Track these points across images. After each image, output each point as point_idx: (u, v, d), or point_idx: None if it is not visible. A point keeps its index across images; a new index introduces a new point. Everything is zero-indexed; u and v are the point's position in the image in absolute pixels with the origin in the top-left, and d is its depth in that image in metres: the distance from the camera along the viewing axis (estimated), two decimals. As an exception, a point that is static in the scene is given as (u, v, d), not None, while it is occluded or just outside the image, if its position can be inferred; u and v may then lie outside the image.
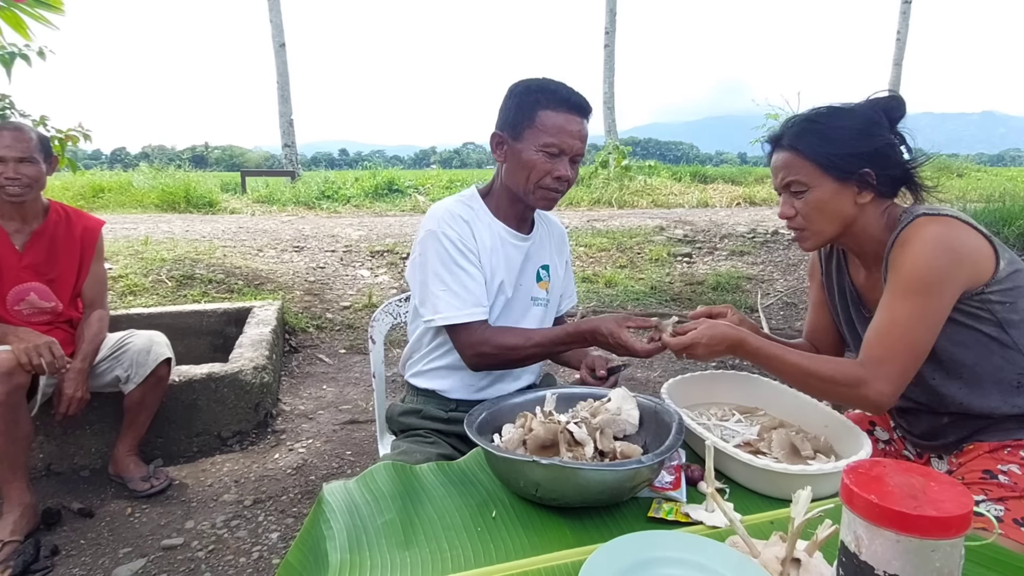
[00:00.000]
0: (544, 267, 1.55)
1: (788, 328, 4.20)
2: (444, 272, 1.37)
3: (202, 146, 59.09)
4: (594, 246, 6.11)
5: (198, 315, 3.46)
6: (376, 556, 0.87)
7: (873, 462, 0.69)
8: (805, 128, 1.25)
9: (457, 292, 1.37)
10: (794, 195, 1.27)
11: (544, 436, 1.04)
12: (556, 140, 1.35)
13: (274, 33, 13.45)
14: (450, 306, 1.36)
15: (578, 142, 1.37)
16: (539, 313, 1.54)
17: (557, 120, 1.35)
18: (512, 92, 1.41)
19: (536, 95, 1.36)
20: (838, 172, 1.21)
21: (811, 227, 1.27)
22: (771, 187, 6.90)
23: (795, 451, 1.12)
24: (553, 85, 1.38)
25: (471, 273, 1.39)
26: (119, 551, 1.94)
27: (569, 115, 1.36)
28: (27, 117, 2.94)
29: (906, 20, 15.93)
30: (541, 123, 1.35)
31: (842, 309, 1.42)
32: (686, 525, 0.95)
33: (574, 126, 1.36)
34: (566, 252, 1.66)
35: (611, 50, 15.05)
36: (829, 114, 1.24)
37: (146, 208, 8.71)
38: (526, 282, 1.51)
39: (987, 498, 1.12)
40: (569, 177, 1.39)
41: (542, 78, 1.41)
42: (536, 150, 1.36)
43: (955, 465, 1.27)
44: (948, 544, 0.61)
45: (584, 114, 1.39)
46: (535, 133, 1.35)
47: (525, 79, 1.42)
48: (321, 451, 2.62)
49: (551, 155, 1.36)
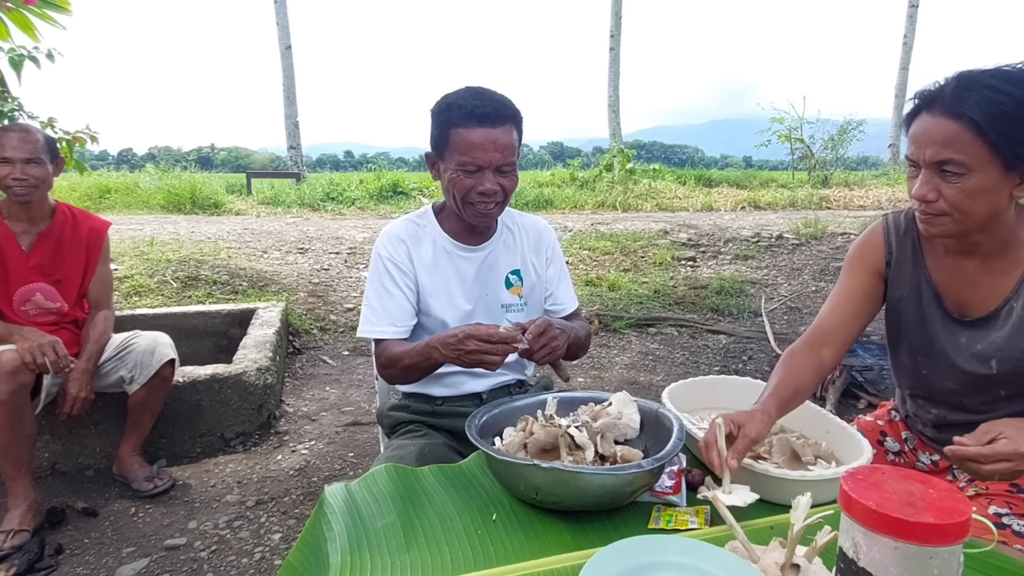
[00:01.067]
0: (514, 272, 1.54)
1: (792, 333, 4.19)
2: (370, 290, 1.47)
3: (208, 147, 59.36)
4: (598, 249, 6.11)
5: (203, 316, 3.47)
6: (377, 558, 0.88)
7: (872, 468, 0.69)
8: (986, 97, 0.97)
9: (376, 309, 1.45)
10: (943, 175, 1.03)
11: (545, 440, 1.05)
12: (470, 158, 1.32)
13: (280, 35, 13.53)
14: (367, 321, 1.46)
15: (495, 154, 1.33)
16: (516, 320, 1.48)
17: (469, 137, 1.32)
18: (431, 111, 1.39)
19: (447, 114, 1.34)
20: (1012, 159, 0.99)
21: (956, 216, 1.05)
22: (775, 192, 6.85)
23: (795, 456, 1.12)
24: (462, 100, 1.33)
25: (392, 294, 1.45)
26: (122, 550, 1.95)
27: (480, 129, 1.32)
28: (35, 119, 2.96)
29: (913, 24, 15.92)
30: (455, 143, 1.33)
31: (914, 306, 1.25)
32: (686, 532, 0.95)
33: (488, 138, 1.32)
34: (547, 250, 1.60)
35: (616, 53, 15.07)
36: (1018, 81, 0.97)
37: (152, 209, 8.76)
38: (492, 291, 1.51)
39: (1011, 512, 1.09)
40: (496, 190, 1.36)
41: (458, 91, 1.37)
42: (455, 169, 1.35)
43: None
44: (946, 551, 0.61)
45: (500, 122, 1.33)
46: (452, 153, 1.35)
47: (445, 95, 1.38)
48: (324, 453, 2.63)
49: (470, 172, 1.34)
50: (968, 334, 1.19)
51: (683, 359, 3.90)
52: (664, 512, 0.99)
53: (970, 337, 1.19)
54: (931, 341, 1.24)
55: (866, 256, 1.30)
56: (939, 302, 1.22)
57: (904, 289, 1.26)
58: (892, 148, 15.92)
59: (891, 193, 11.23)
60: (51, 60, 2.77)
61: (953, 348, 1.21)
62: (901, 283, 1.27)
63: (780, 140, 13.88)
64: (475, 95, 1.34)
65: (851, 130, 13.82)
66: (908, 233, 1.26)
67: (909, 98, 1.10)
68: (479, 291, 1.50)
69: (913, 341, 1.27)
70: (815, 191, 11.27)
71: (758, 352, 3.98)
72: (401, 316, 1.44)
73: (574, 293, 1.66)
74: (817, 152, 13.74)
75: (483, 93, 1.35)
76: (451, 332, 1.25)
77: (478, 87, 1.38)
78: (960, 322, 1.20)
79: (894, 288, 1.28)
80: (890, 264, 1.28)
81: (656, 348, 4.07)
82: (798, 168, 14.09)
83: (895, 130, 15.98)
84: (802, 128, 13.67)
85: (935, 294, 1.22)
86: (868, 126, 14.22)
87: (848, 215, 8.77)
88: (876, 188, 11.85)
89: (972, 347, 1.18)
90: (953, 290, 1.20)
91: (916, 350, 1.27)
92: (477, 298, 1.50)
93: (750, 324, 4.52)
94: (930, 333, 1.23)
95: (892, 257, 1.28)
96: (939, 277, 1.22)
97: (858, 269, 1.31)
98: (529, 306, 1.56)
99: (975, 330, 1.18)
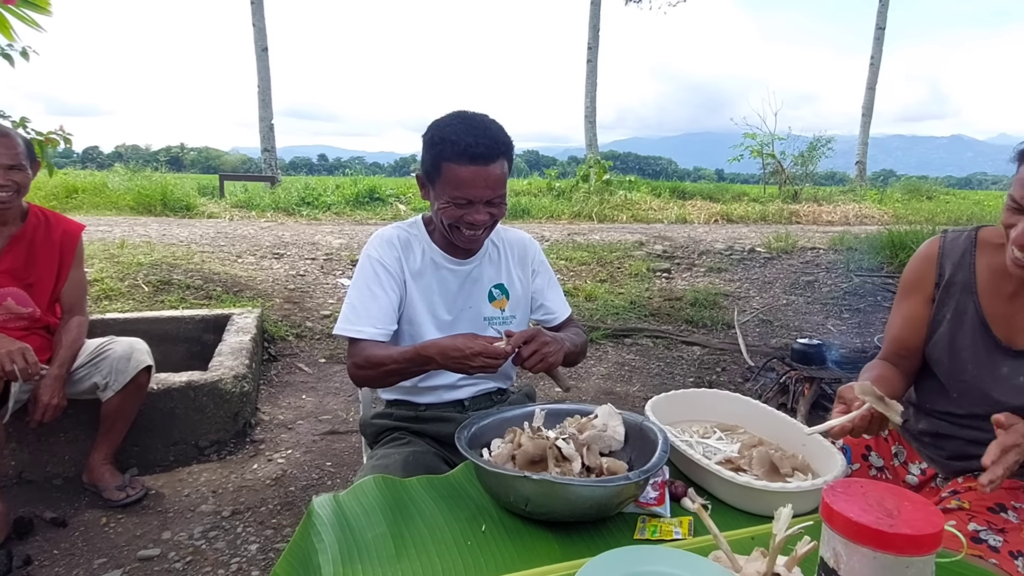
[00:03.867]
0: (497, 286, 1.56)
1: (763, 345, 4.28)
2: (353, 289, 1.47)
3: (178, 147, 58.21)
4: (575, 260, 6.17)
5: (175, 321, 3.41)
6: (368, 569, 0.89)
7: (851, 482, 0.72)
8: None
9: (356, 308, 1.44)
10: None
11: (533, 451, 1.06)
12: (461, 193, 1.34)
13: (257, 37, 13.37)
14: (346, 319, 1.44)
15: (486, 191, 1.35)
16: (496, 333, 1.53)
17: (461, 173, 1.33)
18: (424, 138, 1.40)
19: (439, 147, 1.34)
20: None
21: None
22: (747, 205, 7.00)
23: (774, 469, 1.15)
24: (456, 134, 1.33)
25: (376, 295, 1.44)
26: (94, 561, 1.91)
27: (474, 167, 1.32)
28: (7, 118, 2.90)
29: (879, 46, 16.43)
30: (446, 176, 1.35)
31: (951, 331, 1.28)
32: (670, 542, 0.98)
33: (480, 176, 1.33)
34: (532, 263, 1.63)
35: (593, 65, 15.24)
36: None
37: (121, 210, 8.57)
38: (475, 304, 1.54)
39: (990, 528, 1.12)
40: (484, 221, 1.38)
41: (451, 122, 1.36)
42: (446, 200, 1.37)
43: (962, 488, 1.25)
44: (921, 561, 0.64)
45: (492, 160, 1.34)
46: (443, 185, 1.36)
47: (438, 121, 1.39)
48: (301, 462, 2.60)
49: (460, 205, 1.36)
50: (1012, 364, 1.21)
51: (658, 370, 3.95)
52: (649, 523, 1.02)
53: (1012, 368, 1.20)
54: (967, 367, 1.25)
55: (919, 282, 1.34)
56: (985, 329, 1.23)
57: (948, 311, 1.28)
58: (859, 165, 16.39)
59: (858, 209, 11.56)
60: (25, 58, 2.72)
61: (992, 377, 1.22)
62: (946, 306, 1.29)
63: (752, 155, 14.18)
64: (469, 130, 1.33)
65: (820, 147, 14.19)
66: (965, 257, 1.28)
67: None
68: (461, 303, 1.53)
69: (947, 364, 1.28)
70: (785, 205, 11.54)
71: (731, 364, 4.06)
72: (382, 318, 1.44)
73: (566, 301, 1.68)
74: (788, 167, 14.07)
75: (476, 127, 1.34)
76: (453, 345, 1.27)
77: (470, 117, 1.37)
78: (1006, 351, 1.21)
79: (938, 310, 1.30)
80: (939, 286, 1.30)
81: (632, 359, 4.13)
82: (769, 182, 14.41)
83: (862, 147, 16.46)
84: (773, 144, 14.00)
85: (982, 322, 1.23)
86: (836, 143, 14.61)
87: (817, 230, 9.00)
88: (844, 204, 12.20)
89: (1015, 378, 1.19)
90: (1004, 319, 1.21)
91: (948, 373, 1.29)
92: (459, 310, 1.53)
93: (723, 336, 4.60)
94: (968, 359, 1.24)
95: (943, 280, 1.30)
96: (991, 305, 1.23)
97: (912, 295, 1.35)
98: (518, 319, 1.59)
99: (1020, 360, 1.20)
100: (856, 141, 16.56)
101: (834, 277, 6.11)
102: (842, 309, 5.29)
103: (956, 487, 1.27)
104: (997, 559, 1.08)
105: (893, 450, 1.44)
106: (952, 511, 1.18)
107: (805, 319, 5.07)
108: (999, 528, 1.13)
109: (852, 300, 5.47)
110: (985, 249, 1.27)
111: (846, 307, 5.33)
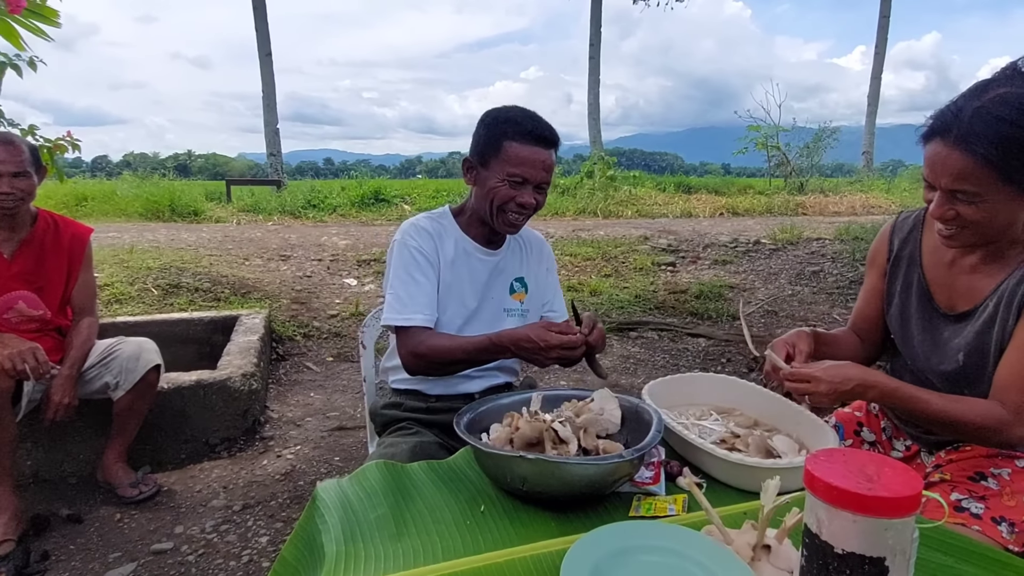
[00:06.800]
0: (518, 279, 1.62)
1: (769, 336, 4.28)
2: (395, 279, 1.48)
3: (185, 154, 58.61)
4: (579, 255, 6.18)
5: (185, 323, 3.47)
6: (370, 548, 0.91)
7: (833, 451, 0.74)
8: (993, 129, 1.01)
9: (401, 297, 1.46)
10: (958, 199, 1.09)
11: (530, 434, 1.09)
12: (519, 171, 1.42)
13: (260, 42, 13.46)
14: (392, 308, 1.46)
15: (542, 172, 1.44)
16: (514, 324, 1.58)
17: (522, 152, 1.41)
18: (483, 121, 1.48)
19: (503, 126, 1.43)
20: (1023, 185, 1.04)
21: (973, 231, 1.11)
22: (752, 198, 7.01)
23: (770, 455, 1.17)
24: (520, 117, 1.44)
25: (419, 282, 1.47)
26: (109, 556, 1.96)
27: (534, 147, 1.42)
28: (16, 127, 2.95)
29: (884, 34, 16.32)
30: (506, 154, 1.42)
31: (902, 301, 1.35)
32: (664, 519, 1.00)
33: (539, 157, 1.43)
34: (546, 261, 1.72)
35: (596, 62, 15.24)
36: (1021, 110, 1.00)
37: (130, 217, 8.67)
38: (497, 295, 1.59)
39: (971, 496, 1.15)
40: (532, 204, 1.46)
41: (513, 108, 1.48)
42: (501, 179, 1.43)
43: (944, 461, 1.28)
44: (900, 523, 0.66)
45: (550, 145, 1.45)
46: (501, 163, 1.43)
47: (496, 108, 1.50)
48: (309, 457, 2.64)
49: (515, 184, 1.43)
50: (952, 328, 1.25)
51: (663, 362, 3.97)
52: (644, 501, 1.04)
53: (952, 331, 1.25)
54: (915, 334, 1.31)
55: (875, 258, 1.44)
56: (928, 298, 1.29)
57: (899, 283, 1.35)
58: (865, 155, 16.29)
59: (864, 199, 11.50)
60: (33, 68, 2.77)
61: (934, 343, 1.27)
62: (896, 279, 1.36)
63: (757, 147, 14.13)
64: (530, 116, 1.45)
65: (826, 138, 14.12)
66: (913, 232, 1.35)
67: (927, 117, 1.12)
68: (486, 292, 1.57)
69: (901, 334, 1.36)
70: (791, 197, 11.50)
71: (736, 355, 4.06)
72: (429, 304, 1.47)
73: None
74: (793, 159, 14.01)
75: (536, 116, 1.46)
76: (526, 336, 1.31)
77: (528, 109, 1.47)
78: (946, 316, 1.26)
79: (890, 283, 1.38)
80: (890, 260, 1.38)
81: (637, 351, 4.14)
82: (775, 175, 14.35)
83: (868, 138, 16.35)
84: (778, 136, 13.94)
85: (925, 290, 1.30)
86: (842, 134, 14.53)
87: (823, 220, 8.97)
88: (850, 194, 12.12)
89: (952, 340, 1.24)
90: (945, 286, 1.27)
91: (903, 342, 1.35)
92: (484, 299, 1.57)
93: (728, 328, 4.61)
94: (915, 327, 1.31)
95: (892, 255, 1.38)
96: (933, 274, 1.29)
97: (872, 267, 1.45)
98: (531, 312, 1.63)
99: (958, 324, 1.24)
100: (862, 131, 16.45)
101: (840, 267, 6.10)
102: (848, 298, 5.28)
103: (939, 461, 1.30)
104: (980, 525, 1.10)
105: (882, 424, 1.47)
106: (935, 484, 1.20)
107: (811, 309, 5.07)
108: (980, 496, 1.15)
109: (858, 289, 5.46)
110: (931, 224, 1.29)
111: (852, 296, 5.32)
